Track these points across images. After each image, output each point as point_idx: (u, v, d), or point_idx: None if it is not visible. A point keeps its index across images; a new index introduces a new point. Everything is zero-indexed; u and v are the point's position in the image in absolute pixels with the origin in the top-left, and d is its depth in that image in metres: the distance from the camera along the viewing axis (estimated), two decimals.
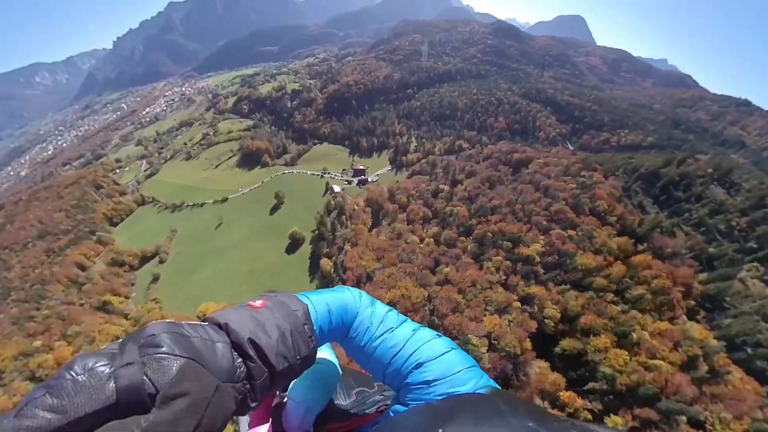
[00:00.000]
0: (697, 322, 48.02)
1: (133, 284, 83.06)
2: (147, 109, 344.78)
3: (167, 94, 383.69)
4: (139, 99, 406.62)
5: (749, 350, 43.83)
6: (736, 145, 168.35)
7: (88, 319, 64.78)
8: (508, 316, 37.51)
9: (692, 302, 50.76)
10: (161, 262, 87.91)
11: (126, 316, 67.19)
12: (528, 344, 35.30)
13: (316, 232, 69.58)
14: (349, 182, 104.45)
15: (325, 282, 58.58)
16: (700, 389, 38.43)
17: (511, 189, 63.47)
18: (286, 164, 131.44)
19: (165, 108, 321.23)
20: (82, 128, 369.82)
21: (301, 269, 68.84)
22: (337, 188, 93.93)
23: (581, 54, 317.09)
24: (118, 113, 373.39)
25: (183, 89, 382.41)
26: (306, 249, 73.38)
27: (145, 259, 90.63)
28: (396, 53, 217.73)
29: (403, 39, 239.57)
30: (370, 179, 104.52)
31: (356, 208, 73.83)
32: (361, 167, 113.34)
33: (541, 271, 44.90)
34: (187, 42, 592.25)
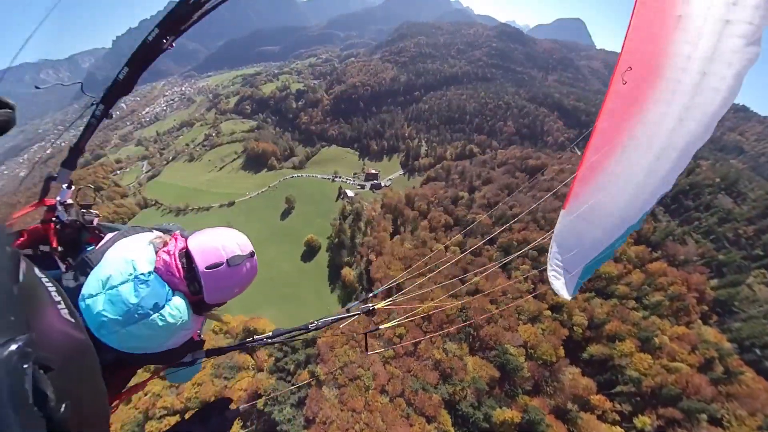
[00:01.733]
0: (710, 325, 50.34)
1: None
2: (147, 109, 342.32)
3: (167, 93, 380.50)
4: (138, 98, 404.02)
5: (758, 351, 46.24)
6: (735, 150, 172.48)
7: None
8: (540, 325, 39.24)
9: (705, 307, 53.07)
10: None
11: None
12: (561, 351, 37.05)
13: (336, 239, 69.83)
14: (362, 186, 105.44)
15: (347, 292, 58.99)
16: (717, 389, 40.73)
17: (530, 196, 65.20)
18: (294, 167, 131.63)
19: (165, 108, 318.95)
20: (81, 128, 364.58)
21: (320, 278, 67.91)
22: (350, 193, 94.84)
23: (583, 58, 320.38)
24: (118, 113, 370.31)
25: (183, 89, 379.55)
26: (323, 257, 72.93)
27: None
28: (401, 55, 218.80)
29: (408, 41, 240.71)
30: (383, 184, 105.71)
31: (374, 214, 74.83)
32: (374, 171, 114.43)
33: None
34: (187, 41, 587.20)
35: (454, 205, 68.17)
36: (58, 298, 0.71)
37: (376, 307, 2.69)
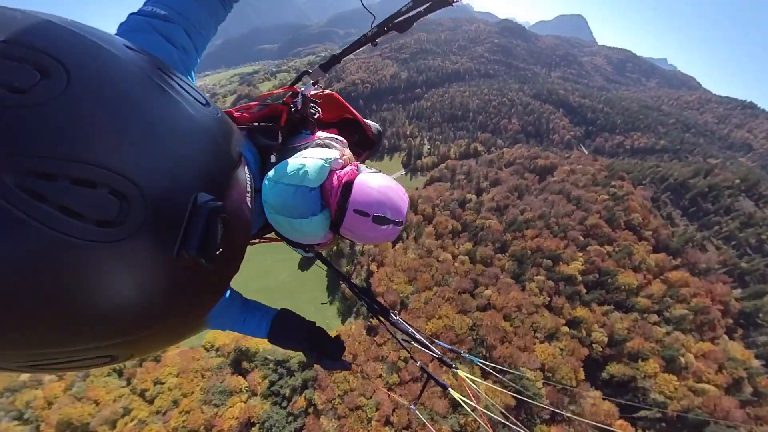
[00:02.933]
0: (735, 340, 47.01)
1: None
2: None
3: None
4: None
5: None
6: (744, 148, 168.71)
7: None
8: (558, 343, 35.92)
9: (730, 320, 49.68)
10: None
11: None
12: (581, 374, 33.76)
13: (334, 246, 66.30)
14: None
15: (347, 305, 55.49)
16: (746, 412, 37.56)
17: (541, 200, 61.61)
18: None
19: None
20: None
21: (319, 289, 64.13)
22: None
23: (586, 54, 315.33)
24: None
25: None
26: (322, 265, 69.49)
27: None
28: (402, 51, 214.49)
29: (408, 37, 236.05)
30: None
31: None
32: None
33: (584, 290, 43.31)
34: None
35: (461, 208, 64.48)
36: (249, 189, 0.94)
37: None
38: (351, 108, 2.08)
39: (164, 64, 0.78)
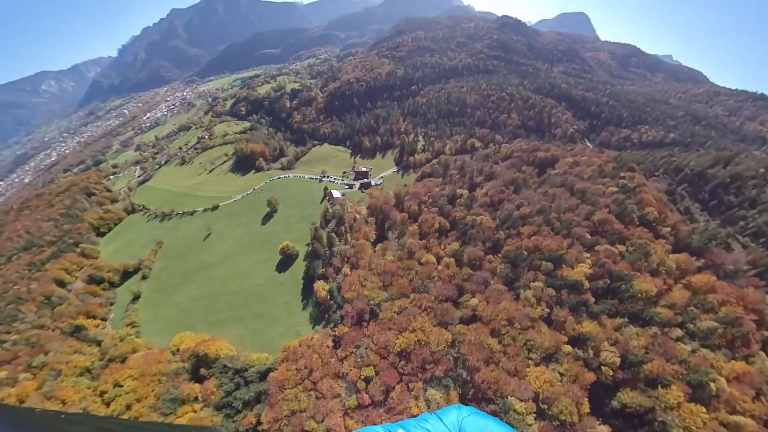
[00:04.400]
0: None
1: (112, 303, 74.11)
2: (148, 114, 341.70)
3: (169, 98, 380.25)
4: (140, 104, 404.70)
5: None
6: (757, 141, 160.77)
7: (57, 346, 57.95)
8: (557, 366, 28.82)
9: (766, 332, 41.66)
10: (144, 278, 79.12)
11: (99, 343, 59.44)
12: (586, 406, 26.55)
13: (310, 247, 60.32)
14: (350, 186, 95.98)
15: (321, 310, 49.38)
16: None
17: (540, 193, 54.37)
18: (282, 168, 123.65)
19: (166, 113, 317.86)
20: (85, 134, 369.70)
21: (294, 292, 59.06)
22: (336, 193, 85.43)
23: (589, 49, 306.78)
24: (120, 119, 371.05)
25: (184, 93, 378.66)
26: (300, 266, 63.81)
27: (126, 275, 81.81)
28: (398, 50, 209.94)
29: (405, 36, 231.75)
30: (373, 182, 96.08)
31: (358, 217, 64.74)
32: (364, 169, 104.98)
33: (592, 299, 35.82)
34: (189, 47, 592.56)
35: (451, 204, 57.60)
36: None
37: None
38: None
39: None
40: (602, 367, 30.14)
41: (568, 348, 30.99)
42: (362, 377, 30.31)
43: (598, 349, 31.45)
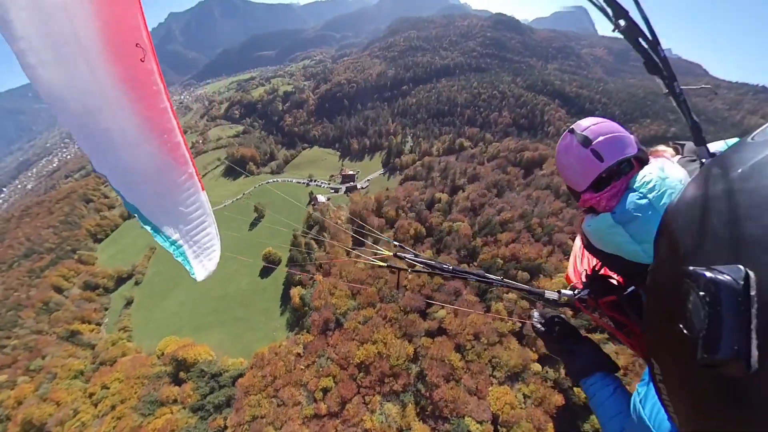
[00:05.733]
0: None
1: (106, 309, 75.04)
2: None
3: None
4: None
5: None
6: None
7: (53, 350, 59.80)
8: (523, 387, 26.92)
9: None
10: (137, 283, 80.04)
11: (93, 347, 60.10)
12: (550, 430, 24.69)
13: (289, 252, 59.70)
14: (336, 190, 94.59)
15: (297, 316, 48.65)
16: None
17: (524, 196, 52.49)
18: (272, 172, 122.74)
19: None
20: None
21: (273, 298, 59.37)
22: (321, 198, 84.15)
23: (584, 46, 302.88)
24: None
25: (182, 97, 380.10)
26: (281, 273, 63.77)
27: (120, 281, 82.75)
28: (390, 50, 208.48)
29: (398, 36, 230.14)
30: (359, 186, 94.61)
31: (339, 222, 63.36)
32: (351, 172, 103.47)
33: (569, 312, 33.91)
34: (186, 51, 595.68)
35: (429, 210, 56.03)
36: None
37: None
38: None
39: None
40: (574, 389, 28.23)
41: (537, 367, 28.96)
42: (320, 387, 29.24)
43: None
